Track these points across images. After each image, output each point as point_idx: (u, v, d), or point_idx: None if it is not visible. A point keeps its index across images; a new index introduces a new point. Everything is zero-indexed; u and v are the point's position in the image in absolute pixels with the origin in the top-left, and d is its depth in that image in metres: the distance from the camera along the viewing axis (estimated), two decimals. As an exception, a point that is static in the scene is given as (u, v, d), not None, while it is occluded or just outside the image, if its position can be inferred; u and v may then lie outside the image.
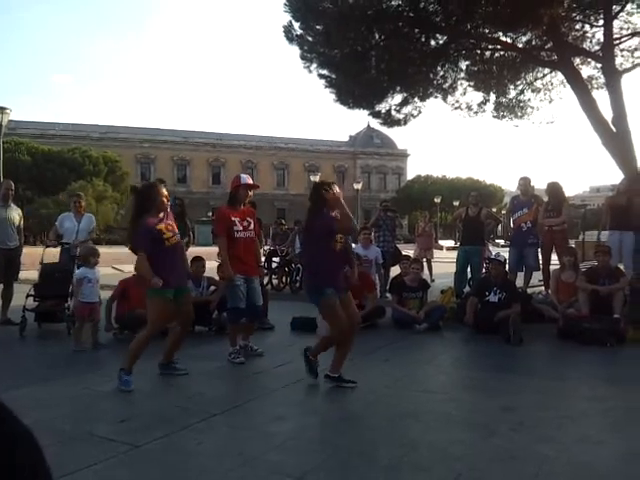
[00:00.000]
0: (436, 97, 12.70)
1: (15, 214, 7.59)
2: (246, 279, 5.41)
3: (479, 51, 12.06)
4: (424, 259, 11.65)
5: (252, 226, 5.54)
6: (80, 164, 45.68)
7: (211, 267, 6.46)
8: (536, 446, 3.25)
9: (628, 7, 11.17)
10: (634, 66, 11.46)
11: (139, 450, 3.19)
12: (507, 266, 8.70)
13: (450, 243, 31.59)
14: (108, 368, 5.33)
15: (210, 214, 7.95)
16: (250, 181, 5.68)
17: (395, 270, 9.18)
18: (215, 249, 6.64)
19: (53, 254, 7.68)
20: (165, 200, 4.66)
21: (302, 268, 10.90)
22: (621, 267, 7.95)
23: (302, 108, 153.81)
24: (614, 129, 10.19)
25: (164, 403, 4.21)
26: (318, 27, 11.17)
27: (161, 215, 4.63)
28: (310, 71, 11.77)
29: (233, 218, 5.43)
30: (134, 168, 56.94)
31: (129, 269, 7.41)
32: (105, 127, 59.43)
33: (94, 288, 6.10)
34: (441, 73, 12.26)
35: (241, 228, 5.43)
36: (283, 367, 5.22)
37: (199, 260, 7.15)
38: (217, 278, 6.42)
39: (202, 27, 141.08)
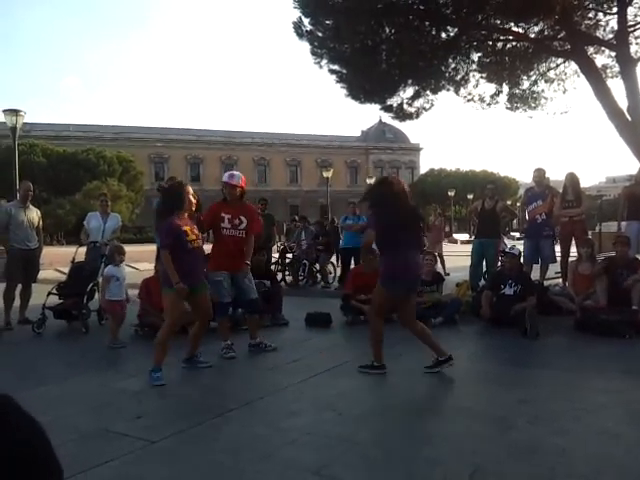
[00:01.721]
0: (448, 90, 12.61)
1: (34, 215, 7.68)
2: (232, 276, 5.45)
3: (491, 42, 11.93)
4: (435, 253, 11.60)
5: (244, 225, 5.52)
6: (95, 164, 46.04)
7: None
8: (553, 439, 3.22)
9: (643, -7, 11.01)
10: (649, 54, 11.29)
11: (155, 446, 3.21)
12: (522, 259, 8.65)
13: (465, 236, 31.43)
14: (126, 365, 5.42)
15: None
16: (234, 181, 5.59)
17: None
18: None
19: (79, 253, 7.76)
20: (192, 199, 4.72)
21: (307, 263, 10.98)
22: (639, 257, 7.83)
23: (314, 104, 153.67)
24: (630, 118, 10.03)
25: (179, 399, 4.24)
26: (328, 22, 11.14)
27: (186, 216, 4.72)
28: (321, 67, 11.74)
29: (223, 214, 5.45)
30: (148, 167, 57.32)
31: (145, 267, 7.46)
32: (118, 127, 59.86)
33: (121, 286, 6.19)
34: (453, 65, 12.16)
35: (229, 226, 5.45)
36: (297, 362, 5.22)
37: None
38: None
39: (209, 24, 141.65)
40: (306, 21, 11.36)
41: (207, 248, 5.52)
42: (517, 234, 14.90)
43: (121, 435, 3.38)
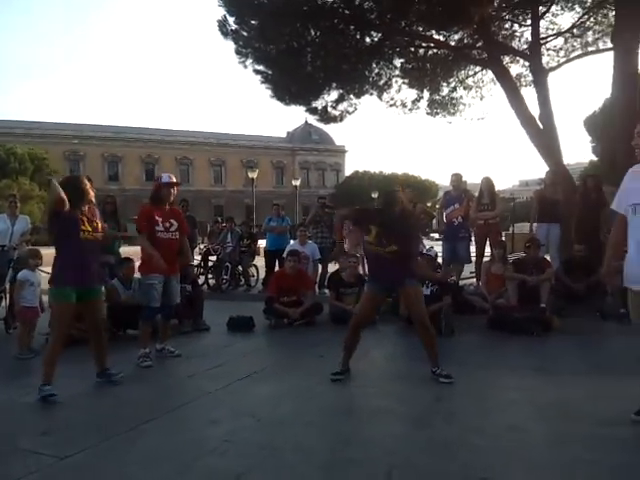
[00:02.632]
0: (372, 94, 12.87)
1: None
2: (165, 278, 5.34)
3: (413, 49, 12.28)
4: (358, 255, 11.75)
5: (175, 228, 5.45)
6: (5, 162, 43.34)
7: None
8: (467, 435, 3.33)
9: (553, 8, 11.71)
10: (559, 65, 12.03)
11: (65, 462, 3.05)
12: (441, 259, 8.94)
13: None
14: (33, 378, 5.07)
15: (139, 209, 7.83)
16: (173, 179, 5.61)
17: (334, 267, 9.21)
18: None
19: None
20: (90, 191, 4.46)
21: (231, 266, 10.85)
22: (548, 258, 8.30)
23: (239, 103, 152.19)
24: (541, 125, 10.60)
25: (92, 412, 4.04)
26: (253, 22, 11.06)
27: (85, 209, 4.42)
28: (245, 66, 11.66)
29: (156, 217, 5.34)
30: (62, 165, 54.55)
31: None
32: (30, 123, 56.53)
33: (36, 292, 5.83)
34: (376, 70, 12.41)
35: (162, 229, 5.36)
36: (218, 369, 5.12)
37: (129, 261, 6.93)
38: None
39: (128, 20, 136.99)
40: (231, 20, 11.25)
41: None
42: (437, 235, 15.39)
43: (28, 452, 3.19)
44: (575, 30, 12.06)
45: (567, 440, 3.25)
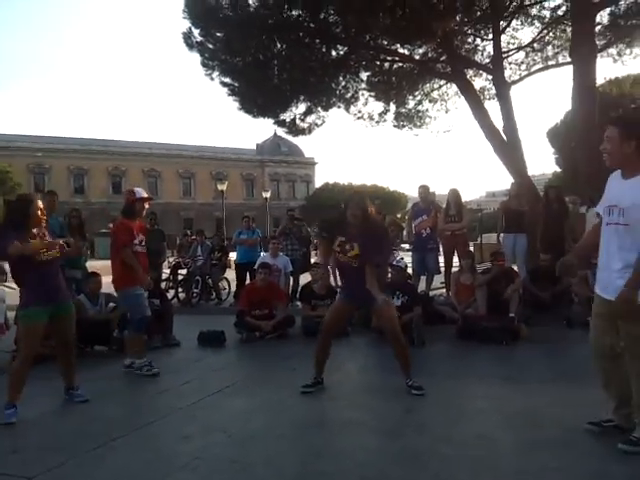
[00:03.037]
0: (339, 107, 12.99)
1: None
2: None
3: (379, 62, 12.45)
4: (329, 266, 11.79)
5: (144, 242, 5.58)
6: (-35, 175, 42.27)
7: (108, 282, 6.19)
8: (437, 446, 3.37)
9: (514, 23, 12.02)
10: (521, 78, 12.33)
11: (31, 483, 2.98)
12: (411, 270, 9.04)
13: (358, 249, 32.18)
14: (1, 395, 4.96)
15: (111, 225, 7.65)
16: (145, 194, 5.64)
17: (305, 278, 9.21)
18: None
19: None
20: (40, 214, 4.31)
21: (201, 280, 10.76)
22: (515, 268, 8.46)
23: (208, 116, 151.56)
24: (505, 137, 10.84)
25: (60, 430, 3.96)
26: (219, 34, 11.08)
27: (35, 231, 4.28)
28: (212, 79, 11.68)
29: (133, 231, 5.43)
30: (27, 178, 53.41)
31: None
32: (-9, 135, 55.26)
33: (0, 308, 5.69)
34: (343, 83, 12.55)
35: (137, 242, 5.45)
36: (189, 384, 5.07)
37: (95, 276, 6.83)
38: (115, 294, 6.12)
39: (93, 29, 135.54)
40: (196, 32, 11.28)
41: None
42: (407, 246, 15.54)
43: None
44: (535, 44, 12.39)
45: (534, 448, 3.31)
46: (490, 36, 11.70)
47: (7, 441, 3.69)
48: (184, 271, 11.45)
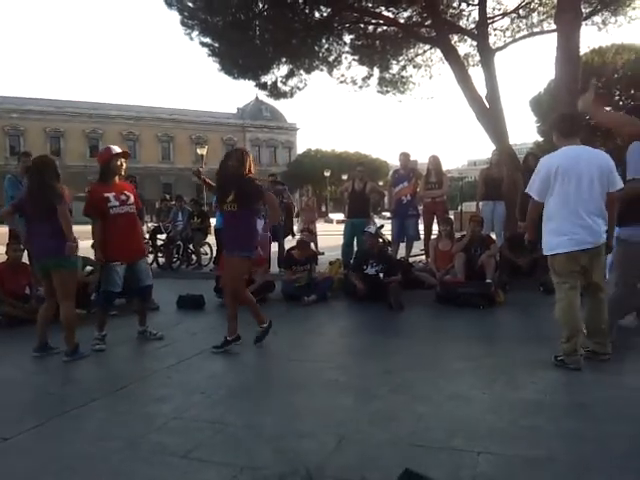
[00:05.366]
0: (322, 70, 12.76)
1: None
2: (129, 264, 5.14)
3: (363, 25, 12.21)
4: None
5: (132, 200, 5.18)
6: (-64, 136, 41.08)
7: (85, 246, 6.10)
8: (413, 405, 3.43)
9: (499, -12, 11.84)
10: (506, 45, 12.18)
11: (8, 443, 3.01)
12: (390, 237, 9.09)
13: (340, 216, 32.24)
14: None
15: (87, 189, 7.47)
16: (119, 150, 5.26)
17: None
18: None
19: None
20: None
21: (182, 245, 10.70)
22: (493, 235, 8.54)
23: (187, 77, 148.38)
24: (487, 105, 10.79)
25: (36, 392, 3.96)
26: (199, -8, 10.76)
27: None
28: (192, 38, 11.37)
29: (106, 194, 5.04)
30: (2, 141, 52.22)
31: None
32: (-36, 96, 53.63)
33: None
34: (326, 46, 12.30)
35: (117, 203, 5.05)
36: (167, 347, 5.08)
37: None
38: (93, 258, 6.04)
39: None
40: (175, -11, 10.90)
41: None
42: (388, 214, 15.60)
43: (-32, 434, 3.10)
44: (521, 11, 12.23)
45: (508, 407, 3.39)
46: (476, 1, 11.53)
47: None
48: (163, 236, 11.35)
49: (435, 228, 9.06)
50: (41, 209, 4.58)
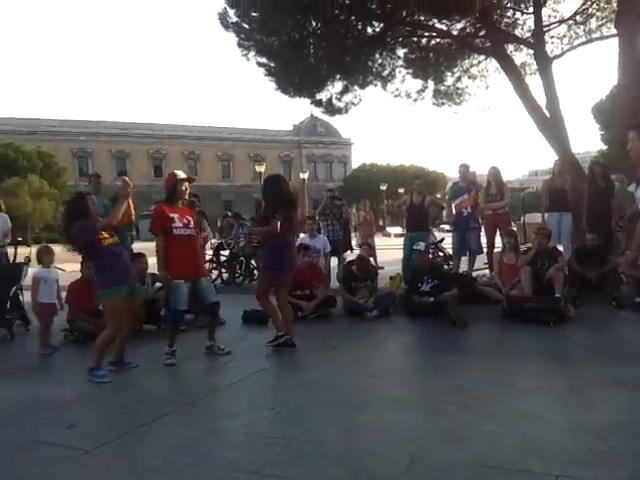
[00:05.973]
0: (376, 85, 12.81)
1: None
2: (192, 282, 5.27)
3: (416, 38, 12.19)
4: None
5: (192, 224, 5.41)
6: (13, 160, 43.62)
7: (153, 263, 6.35)
8: (481, 424, 3.36)
9: (554, -5, 11.58)
10: (563, 52, 11.88)
11: (89, 455, 3.13)
12: (452, 251, 8.94)
13: (398, 230, 32.07)
14: (56, 372, 5.21)
15: (152, 208, 7.83)
16: (184, 175, 5.53)
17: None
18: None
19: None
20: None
21: (245, 260, 10.91)
22: (560, 248, 8.25)
23: (245, 97, 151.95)
24: (547, 114, 10.53)
25: (113, 406, 4.12)
26: (254, 14, 11.03)
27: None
28: (248, 59, 11.65)
29: (171, 215, 5.26)
30: (71, 163, 54.94)
31: (72, 267, 7.16)
32: (36, 121, 56.76)
33: (50, 288, 5.93)
34: (379, 61, 12.35)
35: (180, 225, 5.26)
36: (234, 362, 5.18)
37: (141, 257, 7.00)
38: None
39: (133, 11, 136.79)
40: (231, 12, 11.24)
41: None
42: (447, 226, 15.39)
43: (53, 445, 3.27)
44: (578, 17, 11.92)
45: (583, 428, 3.27)
46: (530, 9, 11.32)
47: (64, 416, 3.84)
48: (226, 252, 11.63)
49: (498, 241, 8.86)
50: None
